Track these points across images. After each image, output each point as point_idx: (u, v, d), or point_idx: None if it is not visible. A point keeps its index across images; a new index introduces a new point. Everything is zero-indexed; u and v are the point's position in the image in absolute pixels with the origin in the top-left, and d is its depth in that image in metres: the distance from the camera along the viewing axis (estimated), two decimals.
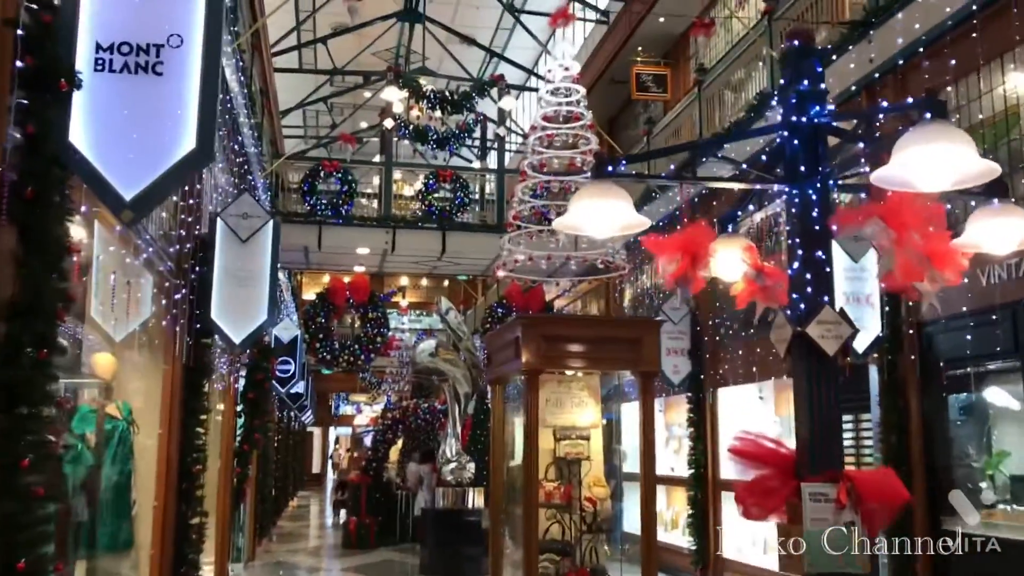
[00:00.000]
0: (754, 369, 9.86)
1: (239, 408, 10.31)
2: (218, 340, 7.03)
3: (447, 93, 16.15)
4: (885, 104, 4.96)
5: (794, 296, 3.50)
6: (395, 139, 16.47)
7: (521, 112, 24.32)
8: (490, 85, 16.15)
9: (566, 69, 7.58)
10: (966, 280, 4.13)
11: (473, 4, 23.10)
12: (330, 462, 44.37)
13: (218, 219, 6.85)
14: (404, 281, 39.25)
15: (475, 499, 12.25)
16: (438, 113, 17.11)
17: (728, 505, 10.99)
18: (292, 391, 18.26)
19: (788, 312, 3.51)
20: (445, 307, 12.21)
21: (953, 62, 6.64)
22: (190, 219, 6.71)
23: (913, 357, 6.82)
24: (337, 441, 47.22)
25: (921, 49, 7.01)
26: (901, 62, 7.26)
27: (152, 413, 6.37)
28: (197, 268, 6.67)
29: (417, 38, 20.93)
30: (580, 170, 6.91)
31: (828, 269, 3.49)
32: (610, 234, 3.96)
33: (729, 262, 3.85)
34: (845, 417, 8.99)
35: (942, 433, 6.89)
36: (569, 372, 6.85)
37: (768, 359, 9.77)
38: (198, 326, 6.60)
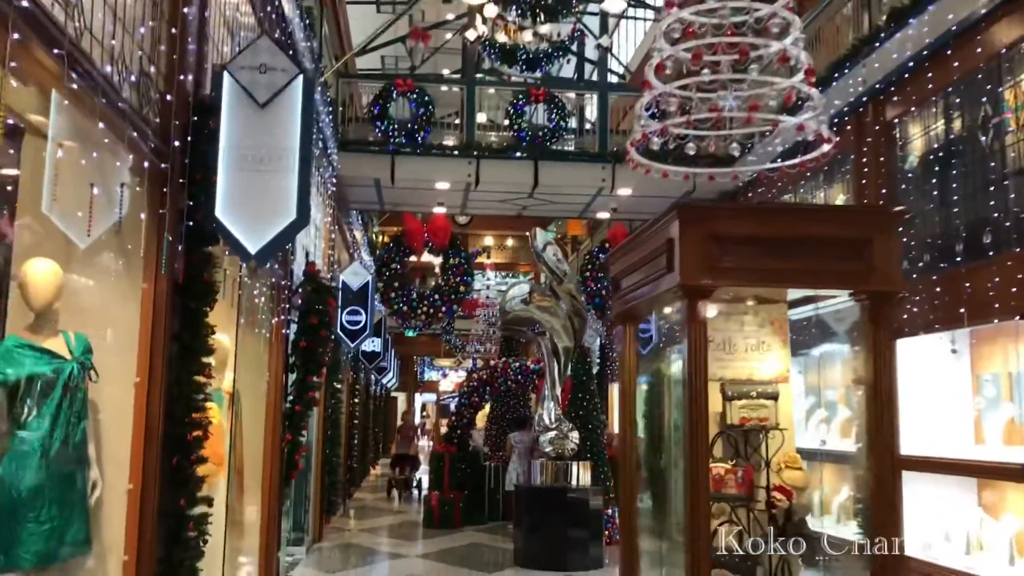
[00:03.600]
0: (962, 311, 7.30)
1: (291, 360, 8.29)
2: (227, 252, 4.92)
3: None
4: None
5: None
6: (480, 53, 14.20)
7: (618, 48, 21.76)
8: None
9: None
10: None
11: None
12: (418, 430, 42.98)
13: (225, 74, 4.70)
14: (489, 241, 37.52)
15: (580, 474, 10.04)
16: (527, 36, 14.81)
17: (913, 488, 8.51)
18: (366, 349, 16.39)
19: None
20: (542, 241, 9.96)
21: None
22: (184, 76, 4.59)
23: None
24: (424, 408, 45.84)
25: None
26: None
27: (125, 353, 4.30)
28: (193, 145, 4.55)
29: None
30: None
31: None
32: None
33: None
34: None
35: None
36: (746, 297, 4.55)
37: (971, 299, 7.23)
38: (191, 225, 4.49)
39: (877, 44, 8.64)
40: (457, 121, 14.06)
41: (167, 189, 4.21)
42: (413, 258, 14.86)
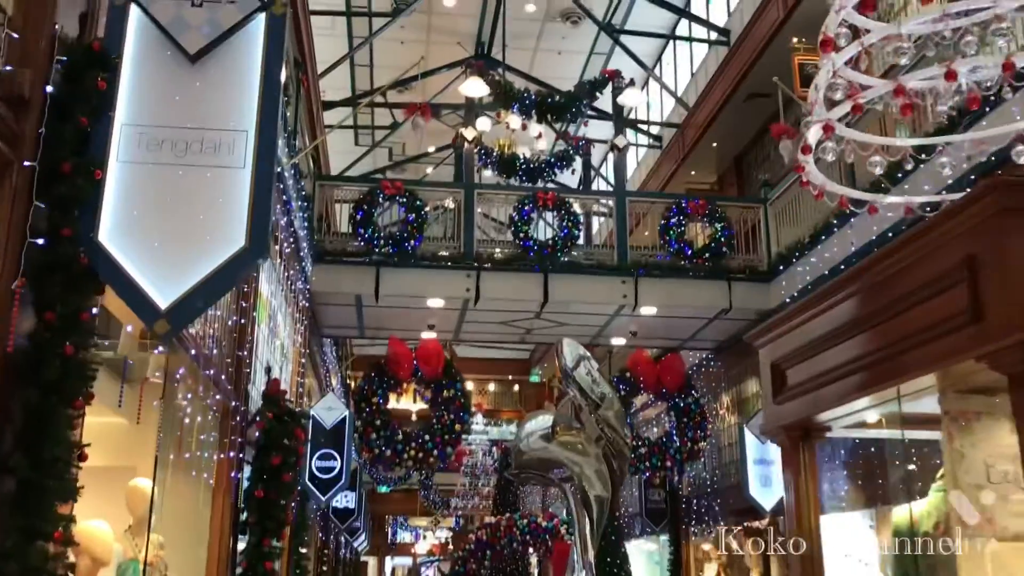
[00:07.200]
0: None
1: (242, 517, 6.00)
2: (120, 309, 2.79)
3: (547, 97, 12.29)
4: None
5: None
6: (476, 164, 12.56)
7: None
8: (602, 84, 12.25)
9: None
10: None
11: (552, 49, 19.79)
12: None
13: (131, 7, 2.74)
14: (469, 386, 35.21)
15: None
16: (537, 137, 13.33)
17: None
18: (338, 505, 13.90)
19: None
20: (572, 356, 7.78)
21: None
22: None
23: None
24: (394, 573, 41.93)
25: None
26: None
27: None
28: (61, 111, 2.52)
29: None
30: None
31: None
32: None
33: None
34: None
35: None
36: None
37: None
38: (45, 247, 2.39)
39: None
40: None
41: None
42: (392, 403, 12.66)
